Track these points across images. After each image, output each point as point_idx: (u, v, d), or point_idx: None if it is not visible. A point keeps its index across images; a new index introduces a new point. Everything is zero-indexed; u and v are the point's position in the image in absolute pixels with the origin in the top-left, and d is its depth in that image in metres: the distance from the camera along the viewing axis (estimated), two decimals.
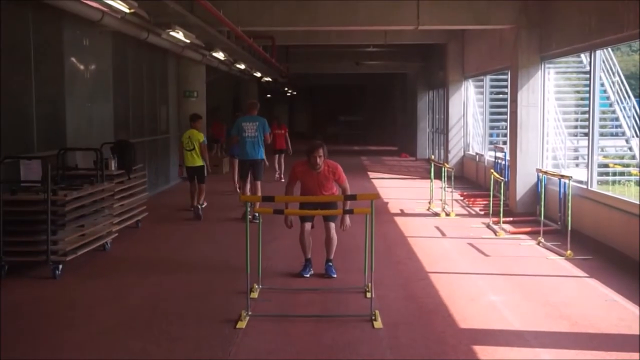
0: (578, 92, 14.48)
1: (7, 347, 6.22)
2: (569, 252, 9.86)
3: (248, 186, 13.14)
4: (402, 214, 14.09)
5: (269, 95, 44.22)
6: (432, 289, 8.31)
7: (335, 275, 8.72)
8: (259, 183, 12.88)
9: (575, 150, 14.15)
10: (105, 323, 7.08)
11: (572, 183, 10.65)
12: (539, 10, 13.20)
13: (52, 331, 6.77)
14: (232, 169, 17.10)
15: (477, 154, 18.81)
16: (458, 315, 7.26)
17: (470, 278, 8.99)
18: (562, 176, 11.08)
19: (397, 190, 18.04)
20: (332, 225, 8.78)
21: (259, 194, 12.32)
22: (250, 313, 7.13)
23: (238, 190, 15.92)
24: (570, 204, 10.28)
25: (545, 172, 11.79)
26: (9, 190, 8.90)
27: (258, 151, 12.73)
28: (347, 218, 8.71)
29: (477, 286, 8.54)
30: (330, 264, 8.86)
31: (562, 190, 11.60)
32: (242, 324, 6.89)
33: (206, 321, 7.08)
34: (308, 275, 8.80)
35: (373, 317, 7.02)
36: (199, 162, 13.48)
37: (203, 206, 13.71)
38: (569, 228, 10.12)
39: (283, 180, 19.88)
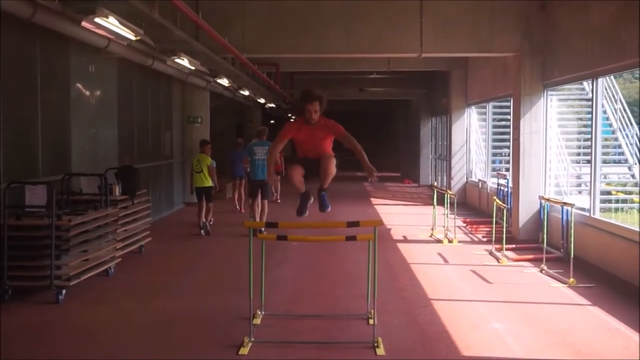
0: (581, 119, 14.55)
1: None
2: (571, 279, 9.85)
3: (258, 202, 14.36)
4: (405, 240, 14.10)
5: (272, 121, 44.37)
6: (435, 316, 8.30)
7: (329, 208, 7.67)
8: (266, 201, 14.42)
9: (578, 177, 14.18)
10: (109, 348, 7.10)
11: (574, 210, 10.68)
12: (542, 38, 13.29)
13: (54, 356, 6.78)
14: (233, 190, 18.38)
15: (479, 180, 18.84)
16: (461, 342, 7.26)
17: (473, 305, 8.98)
18: (565, 203, 11.13)
19: (400, 217, 18.05)
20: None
21: (266, 210, 14.20)
22: (253, 339, 7.14)
23: (238, 209, 17.99)
24: (572, 232, 10.30)
25: (548, 200, 11.83)
26: (14, 215, 8.93)
27: (266, 172, 13.06)
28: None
29: (479, 313, 8.53)
30: (324, 193, 7.58)
31: (564, 217, 11.62)
32: (244, 350, 6.90)
33: (209, 347, 7.10)
34: (306, 214, 7.65)
35: (376, 344, 7.02)
36: (207, 183, 14.62)
37: (210, 223, 14.89)
38: (572, 255, 10.13)
39: (279, 201, 19.97)
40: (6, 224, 8.64)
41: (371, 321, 7.71)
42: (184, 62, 13.12)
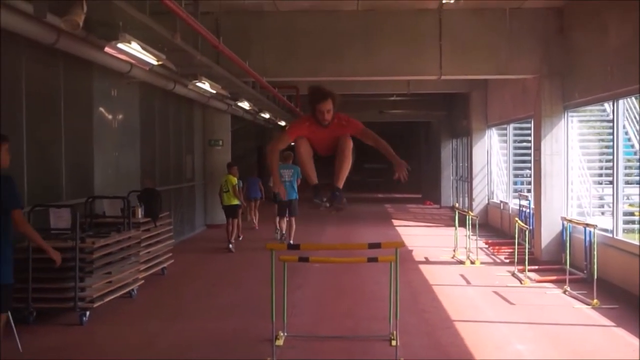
0: (602, 140, 14.45)
1: None
2: (595, 300, 9.78)
3: (285, 220, 15.98)
4: (427, 261, 14.06)
5: (293, 144, 44.41)
6: (458, 338, 8.27)
7: (345, 202, 6.53)
8: (294, 218, 15.73)
9: (601, 198, 14.08)
10: None
11: (597, 231, 10.62)
12: (561, 60, 13.30)
13: None
14: (249, 210, 19.92)
15: (501, 202, 18.79)
16: None
17: (496, 326, 8.94)
18: (587, 224, 11.06)
19: (421, 238, 18.01)
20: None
21: (294, 226, 15.66)
22: None
23: (254, 225, 19.60)
24: (595, 253, 10.24)
25: (570, 221, 11.77)
26: None
27: (293, 193, 15.25)
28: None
29: (502, 335, 8.49)
30: (338, 193, 6.47)
31: (587, 238, 11.55)
32: None
33: None
34: (324, 200, 6.45)
35: None
36: (234, 202, 15.76)
37: (240, 239, 16.69)
38: (595, 277, 10.06)
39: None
40: (31, 247, 8.72)
41: (393, 342, 7.67)
42: (205, 86, 13.27)
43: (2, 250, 5.98)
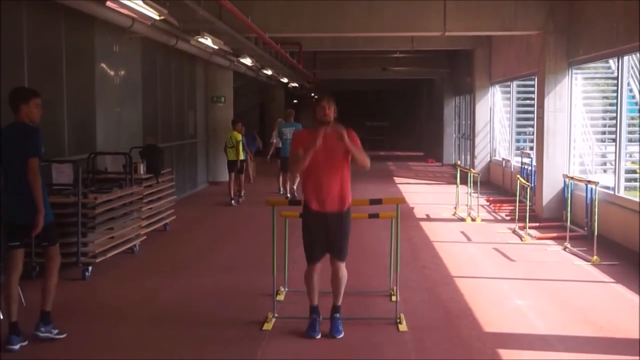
0: (606, 97, 14.39)
1: (40, 347, 6.36)
2: (595, 257, 9.83)
3: (288, 176, 16.68)
4: (428, 219, 14.11)
5: (295, 101, 44.38)
6: (458, 293, 8.33)
7: (341, 335, 6.72)
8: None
9: (603, 156, 14.07)
10: (135, 324, 7.21)
11: (598, 189, 10.63)
12: (566, 16, 13.18)
13: (81, 332, 6.88)
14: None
15: (503, 159, 18.76)
16: (483, 319, 7.29)
17: (495, 282, 8.99)
18: (589, 182, 11.06)
19: (423, 196, 18.06)
20: (343, 265, 6.92)
21: (297, 180, 15.59)
22: (276, 315, 7.22)
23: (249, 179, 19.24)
24: (596, 210, 10.26)
25: (572, 178, 11.76)
26: None
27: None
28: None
29: (502, 291, 8.55)
30: (338, 315, 6.86)
31: (588, 195, 11.57)
32: (268, 326, 6.98)
33: (233, 323, 7.17)
34: (319, 336, 6.71)
35: (398, 320, 7.07)
36: (239, 157, 16.21)
37: (242, 194, 16.74)
38: (596, 234, 10.10)
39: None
40: None
41: (394, 298, 7.74)
42: (208, 41, 13.19)
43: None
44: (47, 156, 9.49)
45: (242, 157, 16.30)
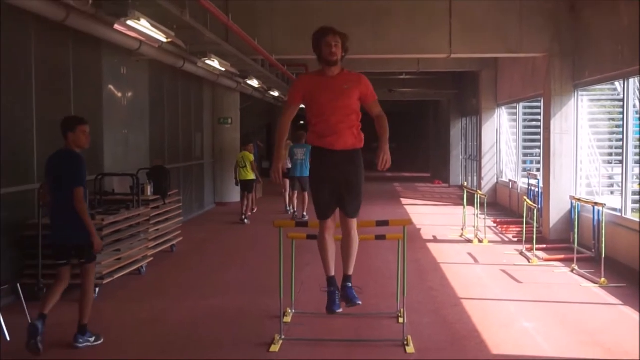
0: (613, 119, 14.40)
1: None
2: (602, 279, 9.80)
3: (296, 194, 17.44)
4: (435, 240, 14.09)
5: (302, 122, 44.39)
6: (465, 315, 8.31)
7: (360, 302, 6.44)
8: (306, 193, 16.14)
9: (610, 177, 14.05)
10: (141, 347, 7.22)
11: (606, 210, 10.60)
12: (571, 39, 13.21)
13: (88, 355, 6.89)
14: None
15: (510, 181, 18.75)
16: (491, 341, 7.27)
17: (503, 304, 8.97)
18: (596, 203, 11.04)
19: (430, 217, 18.04)
20: (354, 221, 6.28)
21: (307, 200, 16.33)
22: (283, 337, 7.20)
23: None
24: (604, 231, 10.23)
25: (579, 200, 11.73)
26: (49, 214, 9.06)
27: (305, 170, 15.96)
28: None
29: (510, 313, 8.52)
30: (350, 284, 6.43)
31: (595, 217, 11.54)
32: (275, 348, 6.97)
33: (241, 345, 7.17)
34: (340, 310, 6.44)
35: (405, 342, 7.04)
36: (250, 177, 16.77)
37: (254, 211, 17.60)
38: (603, 255, 10.07)
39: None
40: (41, 223, 8.78)
41: (401, 320, 7.70)
42: (215, 63, 13.27)
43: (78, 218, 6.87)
44: None
45: (252, 176, 16.72)
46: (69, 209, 6.83)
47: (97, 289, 8.87)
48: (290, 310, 8.07)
